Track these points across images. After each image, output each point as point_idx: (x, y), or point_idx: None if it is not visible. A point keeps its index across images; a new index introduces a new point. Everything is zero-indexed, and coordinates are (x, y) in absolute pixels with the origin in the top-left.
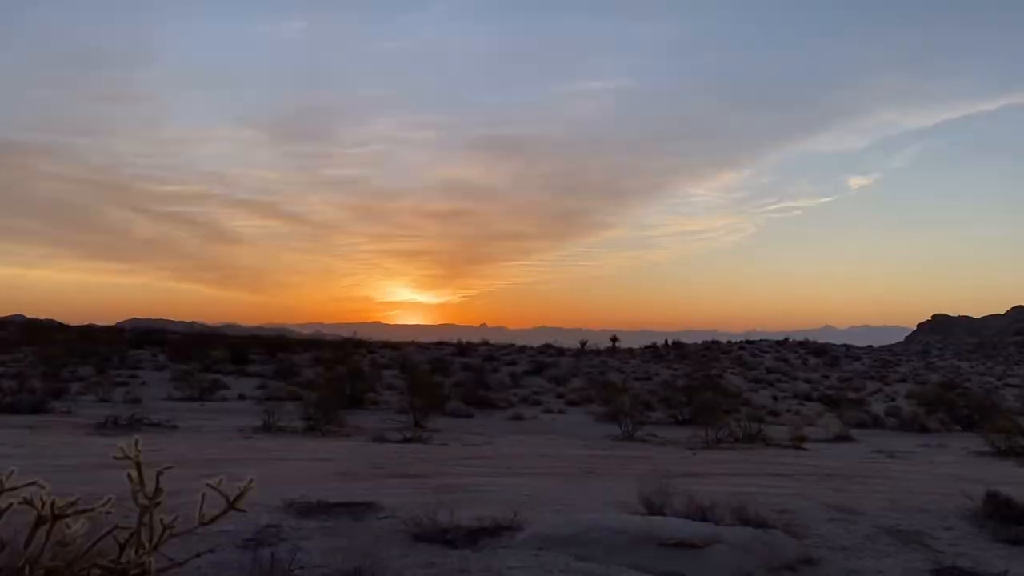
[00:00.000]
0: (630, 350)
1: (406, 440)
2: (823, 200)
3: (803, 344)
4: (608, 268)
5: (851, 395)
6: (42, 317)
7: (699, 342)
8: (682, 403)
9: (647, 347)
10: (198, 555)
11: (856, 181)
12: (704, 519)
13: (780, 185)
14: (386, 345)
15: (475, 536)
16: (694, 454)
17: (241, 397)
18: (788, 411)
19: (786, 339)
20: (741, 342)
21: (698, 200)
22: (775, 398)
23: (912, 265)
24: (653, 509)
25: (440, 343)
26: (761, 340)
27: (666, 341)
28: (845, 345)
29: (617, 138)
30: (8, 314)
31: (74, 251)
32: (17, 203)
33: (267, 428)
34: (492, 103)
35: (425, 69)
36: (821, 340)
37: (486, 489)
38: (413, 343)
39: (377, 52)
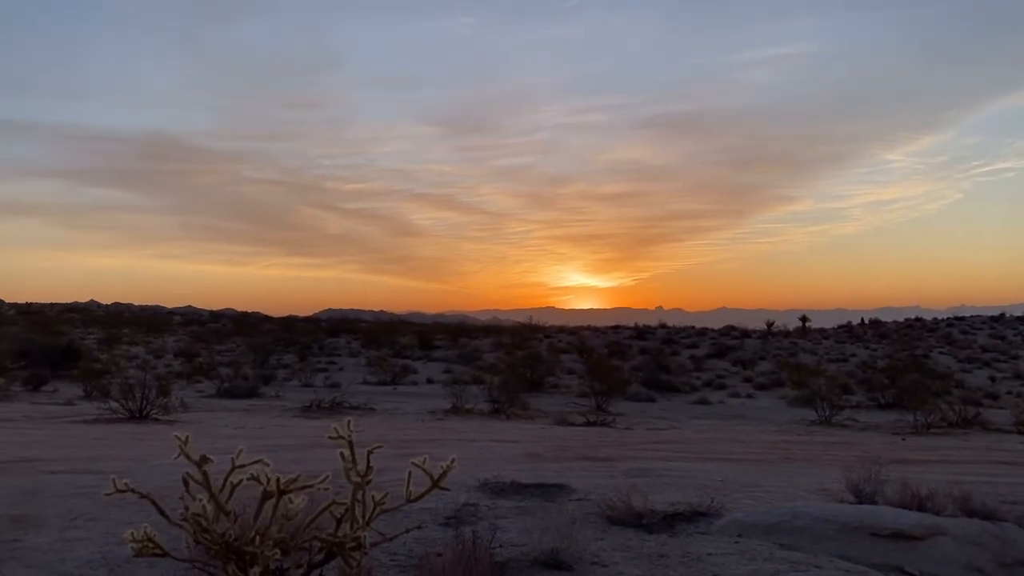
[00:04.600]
0: (822, 330)
1: (589, 423)
2: None
3: (1023, 319)
4: (792, 244)
5: None
6: (250, 310)
7: (900, 320)
8: (884, 385)
9: (841, 326)
10: (407, 531)
11: None
12: (922, 509)
13: (989, 145)
14: (562, 330)
15: (671, 521)
16: (903, 440)
17: (429, 381)
18: (1009, 393)
19: (1002, 314)
20: (948, 319)
21: (893, 167)
22: (992, 379)
23: None
24: (863, 497)
25: (616, 327)
26: (972, 316)
27: (862, 320)
28: None
29: (798, 106)
30: (221, 308)
31: (274, 248)
32: (224, 206)
33: (456, 410)
34: (662, 80)
35: (592, 53)
36: None
37: (677, 474)
38: (588, 327)
39: (544, 40)
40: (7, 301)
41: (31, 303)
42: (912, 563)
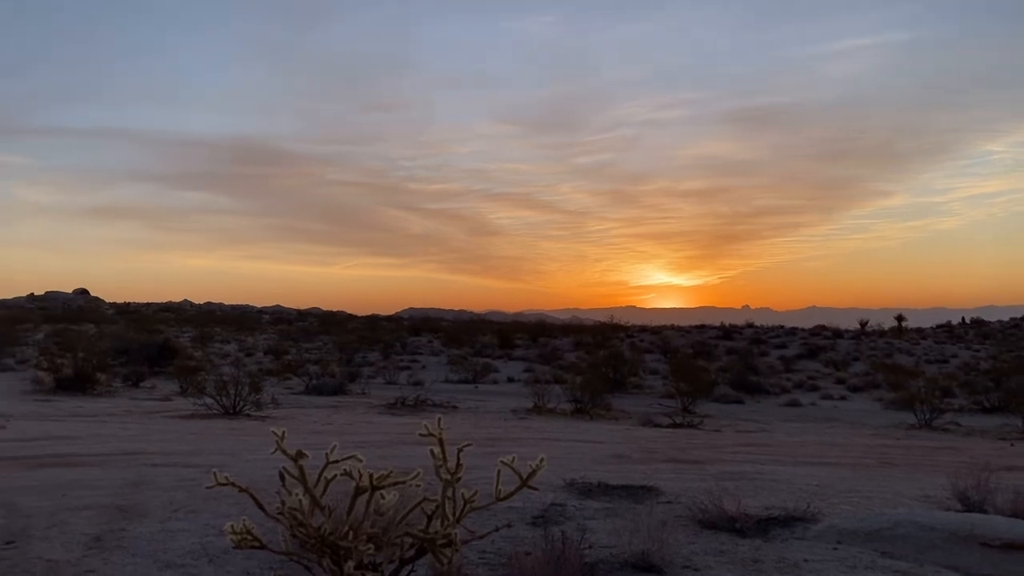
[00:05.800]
0: (919, 330)
1: (676, 425)
2: None
3: None
4: (887, 241)
5: None
6: (335, 309)
7: (1004, 319)
8: (989, 388)
9: (940, 326)
10: (496, 529)
11: None
12: None
13: None
14: (644, 329)
15: (765, 526)
16: (1011, 445)
17: (510, 380)
18: None
19: None
20: None
21: (996, 158)
22: None
23: None
24: (970, 505)
25: (701, 326)
26: None
27: (963, 319)
28: None
29: (892, 97)
30: (307, 307)
31: (358, 248)
32: (309, 208)
33: (537, 410)
34: (747, 73)
35: (672, 47)
36: None
37: (770, 478)
38: (672, 326)
39: (624, 36)
40: (107, 301)
41: (129, 303)
42: None
